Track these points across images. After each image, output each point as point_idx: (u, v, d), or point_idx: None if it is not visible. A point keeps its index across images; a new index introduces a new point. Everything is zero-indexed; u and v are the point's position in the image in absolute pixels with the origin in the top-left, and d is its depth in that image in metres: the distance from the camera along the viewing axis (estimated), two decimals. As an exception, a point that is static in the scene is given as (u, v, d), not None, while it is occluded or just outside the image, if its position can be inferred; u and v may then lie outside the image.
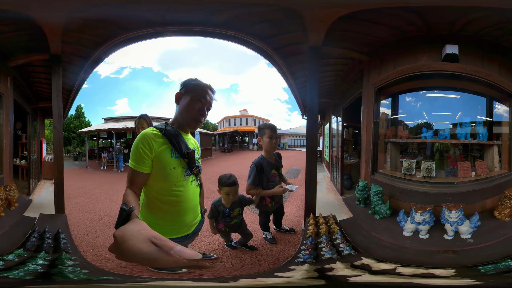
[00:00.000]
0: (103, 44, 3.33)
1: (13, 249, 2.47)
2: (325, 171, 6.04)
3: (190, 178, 1.55)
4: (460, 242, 2.62)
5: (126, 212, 0.91)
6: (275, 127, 2.79)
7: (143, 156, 1.39)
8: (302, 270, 2.36)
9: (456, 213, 2.65)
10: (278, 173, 2.87)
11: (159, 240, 0.71)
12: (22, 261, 2.24)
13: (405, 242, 2.73)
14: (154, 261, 0.67)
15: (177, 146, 1.46)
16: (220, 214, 2.58)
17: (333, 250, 2.59)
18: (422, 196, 3.03)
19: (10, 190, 3.20)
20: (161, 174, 1.44)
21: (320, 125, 6.94)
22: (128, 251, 0.70)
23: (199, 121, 1.51)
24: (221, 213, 2.57)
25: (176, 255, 0.67)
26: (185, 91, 1.53)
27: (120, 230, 0.76)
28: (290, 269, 2.40)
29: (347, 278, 2.20)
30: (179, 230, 1.58)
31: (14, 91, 3.54)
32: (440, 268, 2.27)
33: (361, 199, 3.38)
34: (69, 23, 2.91)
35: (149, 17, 3.05)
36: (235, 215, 2.61)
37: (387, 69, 3.32)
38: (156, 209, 1.51)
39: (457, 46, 2.90)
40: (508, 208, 2.80)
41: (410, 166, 3.28)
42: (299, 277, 2.26)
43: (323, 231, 2.83)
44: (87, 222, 3.71)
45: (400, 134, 3.48)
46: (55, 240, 2.59)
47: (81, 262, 2.42)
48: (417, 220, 2.74)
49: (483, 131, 3.22)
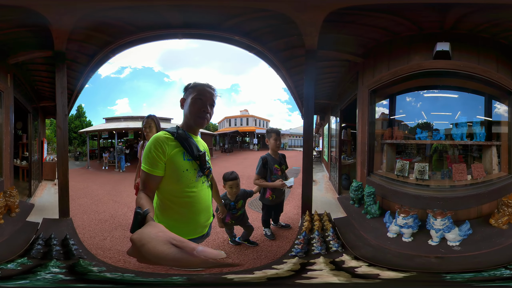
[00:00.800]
0: (113, 43, 3.26)
1: (15, 257, 2.36)
2: (325, 171, 6.11)
3: (201, 179, 1.58)
4: (445, 249, 2.54)
5: (141, 215, 0.91)
6: (279, 132, 3.30)
7: (157, 160, 1.42)
8: (291, 263, 2.49)
9: (442, 221, 2.56)
10: (281, 169, 3.24)
11: (178, 241, 0.71)
12: (27, 270, 2.11)
13: (386, 243, 2.73)
14: (179, 262, 0.67)
15: (189, 149, 1.50)
16: (227, 207, 2.89)
17: (323, 246, 2.71)
18: (413, 199, 2.99)
19: (11, 195, 3.01)
20: (174, 177, 1.47)
21: (320, 126, 6.95)
22: (149, 253, 0.69)
23: (204, 118, 1.54)
24: (227, 206, 2.90)
25: (200, 255, 0.66)
26: (186, 95, 1.60)
27: (137, 234, 0.76)
28: (284, 262, 2.56)
29: (302, 274, 2.32)
30: (194, 230, 1.61)
31: (15, 90, 3.45)
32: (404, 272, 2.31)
33: (355, 199, 3.41)
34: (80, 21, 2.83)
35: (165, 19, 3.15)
36: (239, 207, 3.01)
37: (381, 71, 3.34)
38: (170, 211, 1.53)
39: (448, 44, 2.88)
40: (506, 216, 2.68)
41: (403, 168, 3.28)
42: (286, 269, 2.40)
43: (316, 227, 2.97)
44: (92, 224, 3.62)
45: (396, 135, 3.47)
46: (64, 246, 2.46)
47: (106, 267, 2.38)
48: (399, 223, 2.72)
49: (481, 131, 3.15)
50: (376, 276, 2.26)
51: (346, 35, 3.24)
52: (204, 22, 3.22)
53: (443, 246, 2.57)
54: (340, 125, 4.58)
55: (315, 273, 2.28)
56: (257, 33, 3.40)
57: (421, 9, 2.80)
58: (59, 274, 2.07)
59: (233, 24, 3.22)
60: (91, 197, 5.03)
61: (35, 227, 2.88)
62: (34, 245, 2.52)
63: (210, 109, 1.56)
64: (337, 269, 2.37)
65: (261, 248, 3.09)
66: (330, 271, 2.31)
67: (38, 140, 4.63)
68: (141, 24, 3.20)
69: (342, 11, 2.84)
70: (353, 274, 2.29)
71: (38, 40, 3.17)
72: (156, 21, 3.16)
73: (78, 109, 8.43)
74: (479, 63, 2.94)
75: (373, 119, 3.55)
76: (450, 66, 2.94)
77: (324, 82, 4.34)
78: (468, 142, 3.17)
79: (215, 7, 2.98)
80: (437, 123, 3.27)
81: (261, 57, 3.76)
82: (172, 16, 3.09)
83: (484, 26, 2.84)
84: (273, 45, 3.55)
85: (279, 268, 2.44)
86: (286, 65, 3.84)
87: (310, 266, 2.41)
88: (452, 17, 2.80)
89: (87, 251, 2.65)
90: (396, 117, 3.56)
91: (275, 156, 3.25)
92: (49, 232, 2.75)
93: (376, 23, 3.05)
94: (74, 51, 3.36)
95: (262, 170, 3.15)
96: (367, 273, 2.31)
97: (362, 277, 2.27)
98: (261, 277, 2.28)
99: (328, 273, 2.28)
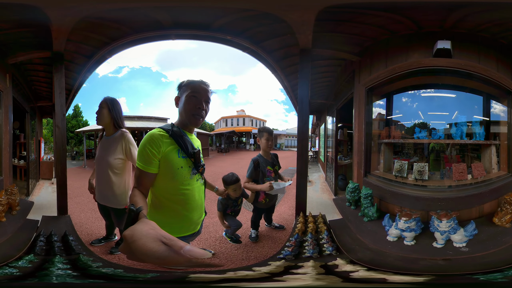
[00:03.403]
0: (110, 44, 3.31)
1: (21, 254, 2.40)
2: (321, 171, 6.07)
3: (196, 177, 1.59)
4: (452, 251, 2.46)
5: (134, 212, 0.92)
6: (272, 131, 3.15)
7: (151, 157, 1.41)
8: (275, 265, 2.44)
9: (447, 223, 2.47)
10: (273, 170, 3.15)
11: (168, 239, 0.72)
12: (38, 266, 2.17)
13: (387, 247, 2.64)
14: (165, 260, 0.69)
15: (183, 146, 1.50)
16: (228, 204, 3.01)
17: (316, 249, 2.63)
18: (413, 200, 2.91)
19: (12, 193, 3.05)
20: (169, 174, 1.47)
21: (316, 125, 6.93)
22: (138, 250, 0.71)
23: (199, 115, 1.53)
24: (228, 202, 3.00)
25: (186, 254, 0.68)
26: (180, 92, 1.59)
27: (129, 230, 0.77)
28: (268, 264, 2.49)
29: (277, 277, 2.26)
30: (187, 228, 1.62)
31: (13, 90, 3.49)
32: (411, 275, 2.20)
33: (351, 201, 3.34)
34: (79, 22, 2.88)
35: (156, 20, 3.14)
36: (239, 203, 3.12)
37: (378, 68, 3.30)
38: (164, 208, 1.53)
39: (449, 42, 2.85)
40: (509, 214, 2.64)
41: (402, 168, 3.21)
42: (265, 271, 2.34)
43: (310, 229, 2.91)
44: (89, 222, 3.67)
45: (393, 135, 3.42)
46: (64, 242, 2.53)
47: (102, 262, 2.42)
48: (401, 227, 2.61)
49: (480, 130, 3.11)
50: (384, 281, 2.15)
51: (342, 34, 3.20)
52: (194, 21, 3.19)
53: (449, 248, 2.49)
54: (336, 125, 4.53)
55: (296, 276, 2.21)
56: (249, 33, 3.35)
57: (424, 8, 2.76)
58: (68, 270, 2.13)
59: (224, 24, 3.19)
60: (88, 195, 4.93)
61: (35, 225, 2.93)
62: (36, 242, 2.58)
63: (205, 105, 1.55)
64: (328, 273, 2.28)
65: (252, 249, 3.06)
66: (316, 275, 2.23)
67: (35, 139, 4.66)
68: (134, 26, 3.21)
69: (334, 9, 2.80)
70: (346, 278, 2.20)
71: (37, 41, 3.21)
72: (148, 22, 3.17)
73: (75, 109, 8.43)
74: (479, 62, 2.91)
75: (369, 118, 3.51)
76: (451, 64, 2.91)
77: (320, 81, 4.32)
78: (468, 141, 3.13)
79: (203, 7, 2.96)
80: (434, 123, 3.24)
81: (255, 56, 3.75)
82: (162, 17, 3.08)
83: (486, 25, 2.82)
84: (267, 44, 3.52)
85: (257, 270, 2.37)
86: (281, 64, 3.81)
87: (295, 270, 2.34)
88: (454, 17, 2.77)
89: (85, 248, 2.72)
90: (393, 116, 3.52)
91: (267, 157, 3.13)
92: (49, 229, 2.80)
93: (374, 21, 3.01)
94: (72, 52, 3.41)
95: (254, 173, 3.02)
96: (367, 277, 2.21)
97: (358, 281, 2.18)
98: (230, 277, 2.23)
99: (311, 278, 2.19)
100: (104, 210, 2.74)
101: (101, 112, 2.48)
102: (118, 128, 2.55)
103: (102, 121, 2.51)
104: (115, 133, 2.53)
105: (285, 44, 3.45)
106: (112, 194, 2.57)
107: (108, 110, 2.50)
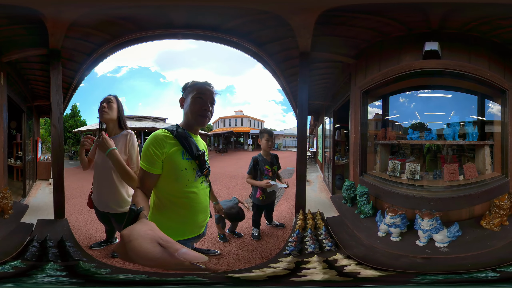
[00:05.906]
0: (112, 41, 3.24)
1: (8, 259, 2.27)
2: (319, 171, 6.11)
3: (200, 179, 1.57)
4: (433, 250, 2.51)
5: (134, 212, 0.91)
6: (272, 132, 3.33)
7: (154, 158, 1.40)
8: (286, 262, 2.53)
9: (429, 222, 2.51)
10: (272, 169, 3.29)
11: (165, 241, 0.71)
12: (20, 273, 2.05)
13: (376, 242, 2.74)
14: (156, 261, 0.68)
15: (188, 148, 1.49)
16: None
17: (316, 244, 2.73)
18: (403, 198, 2.99)
19: (4, 197, 2.94)
20: (173, 176, 1.45)
21: (314, 126, 6.96)
22: (133, 250, 0.69)
23: (205, 116, 1.53)
24: None
25: (180, 257, 0.67)
26: (185, 94, 1.59)
27: (127, 230, 0.76)
28: (279, 260, 2.59)
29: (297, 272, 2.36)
30: (191, 230, 1.60)
31: (9, 89, 3.40)
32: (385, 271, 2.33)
33: (347, 199, 3.43)
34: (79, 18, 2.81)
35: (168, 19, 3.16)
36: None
37: (373, 72, 3.35)
38: (168, 210, 1.51)
39: (436, 43, 2.87)
40: (498, 218, 2.63)
41: (395, 168, 3.30)
42: (282, 267, 2.43)
43: (309, 226, 3.03)
44: (87, 224, 3.58)
45: (389, 136, 3.49)
46: (60, 247, 2.41)
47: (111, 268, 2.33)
48: (387, 222, 2.71)
49: (473, 130, 3.11)
50: (356, 275, 2.30)
51: (338, 37, 3.27)
52: (205, 23, 3.22)
53: (430, 247, 2.54)
54: (334, 126, 4.62)
55: (309, 271, 2.31)
56: (254, 35, 3.42)
57: (403, 9, 2.81)
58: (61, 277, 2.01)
59: (233, 26, 3.25)
60: (86, 196, 4.91)
61: (30, 229, 2.81)
62: (28, 247, 2.44)
63: (211, 107, 1.55)
64: (329, 267, 2.40)
65: (255, 247, 3.14)
66: (322, 270, 2.34)
67: (32, 139, 4.58)
68: (143, 23, 3.18)
69: (332, 13, 2.85)
70: (340, 272, 2.33)
71: (32, 38, 3.13)
72: (158, 20, 3.16)
73: (73, 109, 8.30)
74: (470, 62, 2.92)
75: (365, 119, 3.58)
76: (440, 65, 2.93)
77: (318, 83, 4.37)
78: (460, 142, 3.14)
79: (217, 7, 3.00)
80: (431, 123, 3.27)
81: (256, 58, 3.81)
82: (176, 16, 3.11)
83: (472, 24, 2.82)
84: (269, 47, 3.59)
85: (276, 266, 2.46)
86: (281, 66, 3.87)
87: (304, 265, 2.45)
88: (435, 17, 2.81)
89: (85, 253, 2.61)
90: (390, 117, 3.58)
91: (266, 157, 3.31)
92: (44, 233, 2.69)
93: (365, 24, 3.07)
94: (70, 49, 3.33)
95: (253, 170, 3.24)
96: (352, 271, 2.35)
97: (347, 275, 2.30)
98: (261, 276, 2.30)
99: (319, 271, 2.31)
100: (103, 216, 2.50)
101: (111, 106, 2.24)
102: (124, 128, 2.35)
103: (109, 116, 2.25)
104: (120, 133, 2.31)
105: (286, 47, 3.53)
106: (114, 199, 2.34)
107: (117, 106, 2.30)
